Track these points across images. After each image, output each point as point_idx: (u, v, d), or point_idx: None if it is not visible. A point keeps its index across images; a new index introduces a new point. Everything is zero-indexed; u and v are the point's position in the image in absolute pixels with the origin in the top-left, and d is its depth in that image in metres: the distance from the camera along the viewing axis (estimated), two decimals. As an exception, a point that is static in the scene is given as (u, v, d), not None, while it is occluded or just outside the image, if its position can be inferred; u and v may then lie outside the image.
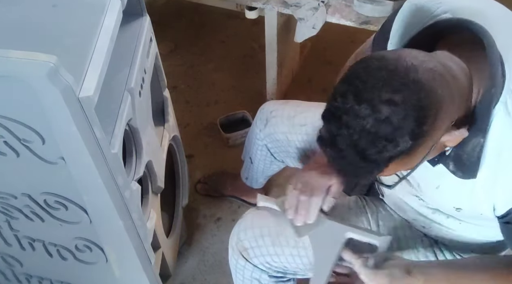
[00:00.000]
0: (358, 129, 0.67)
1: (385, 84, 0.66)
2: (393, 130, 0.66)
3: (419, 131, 0.67)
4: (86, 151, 0.86)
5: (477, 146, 0.78)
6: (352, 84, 0.68)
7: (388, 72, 0.67)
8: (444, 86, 0.69)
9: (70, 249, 1.15)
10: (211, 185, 1.82)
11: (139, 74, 1.11)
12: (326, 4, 1.65)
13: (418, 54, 0.71)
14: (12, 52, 0.74)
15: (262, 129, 1.35)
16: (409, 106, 0.65)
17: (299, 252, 1.08)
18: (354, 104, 0.67)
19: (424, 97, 0.66)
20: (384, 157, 0.69)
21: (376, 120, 0.66)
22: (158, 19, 1.53)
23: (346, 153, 0.70)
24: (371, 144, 0.67)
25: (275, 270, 1.12)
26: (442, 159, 0.85)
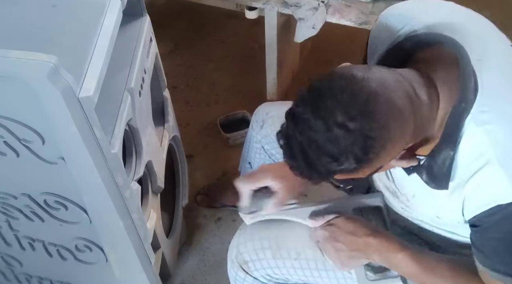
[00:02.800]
0: (309, 140, 0.71)
1: (343, 108, 0.69)
2: (339, 151, 0.69)
3: (364, 157, 0.70)
4: (86, 151, 0.86)
5: (447, 158, 0.79)
6: (314, 98, 0.71)
7: (349, 96, 0.69)
8: (400, 122, 0.71)
9: (70, 249, 1.15)
10: (212, 196, 1.80)
11: (139, 74, 1.11)
12: (326, 4, 1.65)
13: (387, 80, 0.72)
14: (12, 52, 0.74)
15: (259, 131, 1.35)
16: (359, 135, 0.68)
17: (301, 264, 1.06)
18: (310, 117, 0.70)
19: (375, 129, 0.68)
20: (328, 171, 0.72)
21: (327, 139, 0.69)
22: (158, 19, 1.53)
23: (296, 155, 0.73)
24: (317, 157, 0.71)
25: (276, 282, 1.11)
26: (416, 169, 0.86)
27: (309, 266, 1.07)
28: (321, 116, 0.69)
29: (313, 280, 1.09)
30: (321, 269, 1.06)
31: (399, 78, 0.74)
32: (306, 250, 1.06)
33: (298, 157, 0.73)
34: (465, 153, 0.77)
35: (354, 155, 0.69)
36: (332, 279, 1.07)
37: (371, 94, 0.69)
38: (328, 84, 0.71)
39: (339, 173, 0.73)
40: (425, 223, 1.00)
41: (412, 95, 0.73)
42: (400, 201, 1.01)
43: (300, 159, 0.73)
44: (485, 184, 0.77)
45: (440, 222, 0.94)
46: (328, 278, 1.08)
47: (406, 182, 0.94)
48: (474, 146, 0.76)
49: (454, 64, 0.77)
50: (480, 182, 0.77)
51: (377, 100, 0.69)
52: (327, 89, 0.71)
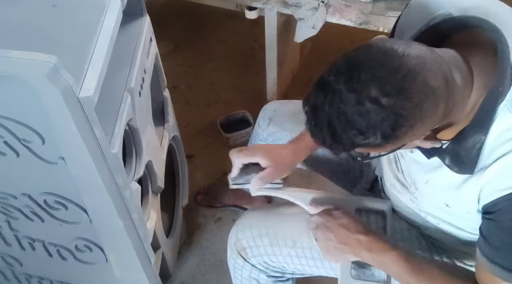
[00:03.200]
0: (338, 112, 0.70)
1: (379, 83, 0.67)
2: (368, 126, 0.69)
3: (391, 134, 0.69)
4: (86, 151, 0.86)
5: (477, 142, 0.78)
6: (349, 69, 0.70)
7: (387, 71, 0.68)
8: (433, 103, 0.70)
9: (70, 249, 1.15)
10: (212, 196, 1.80)
11: (139, 74, 1.11)
12: (326, 4, 1.65)
13: (426, 58, 0.70)
14: (12, 52, 0.74)
15: (265, 128, 1.35)
16: (390, 112, 0.68)
17: (297, 252, 1.08)
18: (343, 88, 0.69)
19: (408, 108, 0.68)
20: (352, 144, 0.72)
21: (357, 112, 0.68)
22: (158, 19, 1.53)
23: (321, 126, 0.73)
24: (344, 130, 0.70)
25: (273, 270, 1.12)
26: (438, 152, 0.85)
27: (305, 255, 1.07)
28: (354, 89, 0.68)
29: (309, 269, 1.10)
30: (317, 258, 1.07)
31: (438, 58, 0.72)
32: (302, 239, 1.07)
33: (324, 128, 0.72)
34: (493, 137, 0.77)
35: (382, 131, 0.69)
36: (328, 269, 1.08)
37: (409, 72, 0.68)
38: (366, 56, 0.70)
39: (362, 147, 0.73)
40: (431, 216, 0.99)
41: (448, 78, 0.72)
42: (409, 192, 1.00)
43: (326, 130, 0.72)
44: (509, 168, 0.76)
45: (449, 211, 0.93)
46: (323, 268, 1.09)
47: (419, 168, 0.93)
48: (503, 131, 0.76)
49: (491, 49, 0.77)
50: (503, 166, 0.77)
51: (414, 78, 0.68)
52: (365, 61, 0.69)
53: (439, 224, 0.99)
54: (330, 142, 0.74)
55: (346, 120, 0.69)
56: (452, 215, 0.95)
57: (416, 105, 0.68)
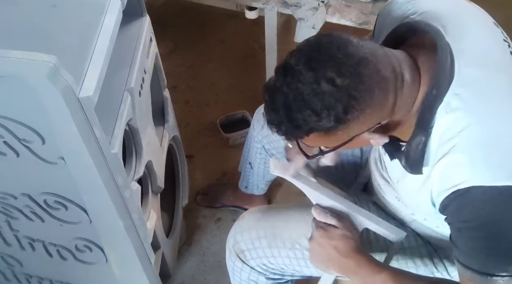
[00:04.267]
0: (295, 92, 0.73)
1: (336, 65, 0.72)
2: (322, 106, 0.72)
3: (343, 117, 0.72)
4: (86, 151, 0.86)
5: (419, 144, 0.80)
6: (310, 51, 0.74)
7: (344, 55, 0.72)
8: (383, 92, 0.74)
9: (70, 249, 1.15)
10: (212, 196, 1.80)
11: (139, 74, 1.11)
12: (326, 4, 1.65)
13: (377, 51, 0.76)
14: (12, 52, 0.74)
15: (260, 131, 1.35)
16: (344, 93, 0.71)
17: (296, 254, 1.07)
18: (302, 68, 0.72)
19: (360, 90, 0.72)
20: (306, 126, 0.74)
21: (313, 91, 0.72)
22: (158, 19, 1.53)
23: (278, 108, 0.75)
24: (299, 109, 0.73)
25: (272, 272, 1.12)
26: (397, 154, 0.88)
27: (304, 256, 1.07)
28: (313, 68, 0.72)
29: (308, 270, 1.10)
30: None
31: (389, 54, 0.77)
32: (301, 240, 1.07)
33: (280, 110, 0.75)
34: (435, 139, 0.79)
35: (335, 112, 0.72)
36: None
37: (362, 59, 0.72)
38: (326, 40, 0.75)
39: (316, 130, 0.75)
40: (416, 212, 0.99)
41: (397, 72, 0.76)
42: (393, 189, 1.01)
43: (282, 111, 0.75)
44: (447, 169, 0.77)
45: (420, 211, 0.94)
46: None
47: (391, 168, 0.96)
48: (443, 132, 0.78)
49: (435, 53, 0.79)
50: (444, 168, 0.78)
51: (367, 65, 0.72)
52: (325, 44, 0.74)
53: (425, 220, 0.99)
54: (285, 125, 0.76)
55: (302, 100, 0.72)
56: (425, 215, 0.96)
57: (368, 89, 0.72)
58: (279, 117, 0.76)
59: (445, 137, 0.77)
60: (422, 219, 1.00)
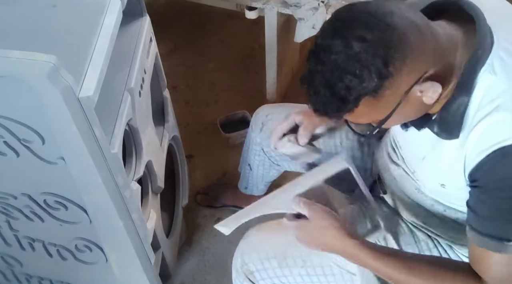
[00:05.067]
0: (330, 65, 0.72)
1: (362, 23, 0.71)
2: (361, 66, 0.70)
3: (385, 71, 0.71)
4: (86, 151, 0.86)
5: (461, 105, 0.80)
6: (333, 23, 0.74)
7: (367, 14, 0.72)
8: (418, 37, 0.72)
9: (70, 249, 1.15)
10: (212, 196, 1.80)
11: (139, 74, 1.11)
12: (326, 4, 1.65)
13: (402, 7, 0.75)
14: (12, 52, 0.74)
15: (258, 133, 1.35)
16: (378, 45, 0.70)
17: (308, 272, 1.06)
18: (330, 41, 0.72)
19: (394, 39, 0.70)
20: (352, 94, 0.73)
21: (346, 55, 0.71)
22: (158, 19, 1.53)
23: (319, 89, 0.75)
24: (340, 79, 0.72)
25: None
26: (428, 123, 0.87)
27: (316, 273, 1.06)
28: (340, 35, 0.71)
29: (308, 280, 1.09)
30: (329, 274, 1.06)
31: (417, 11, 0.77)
32: (312, 257, 1.06)
33: (321, 90, 0.74)
34: (476, 100, 0.78)
35: (376, 68, 0.70)
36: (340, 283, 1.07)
37: (387, 12, 0.72)
38: (346, 11, 0.75)
39: (362, 95, 0.73)
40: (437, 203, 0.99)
41: (429, 24, 0.76)
42: (412, 179, 1.00)
43: (323, 90, 0.74)
44: (490, 128, 0.77)
45: (445, 192, 0.93)
46: (335, 283, 1.07)
47: (415, 147, 0.94)
48: (484, 94, 0.77)
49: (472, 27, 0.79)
50: (485, 128, 0.77)
51: (393, 14, 0.72)
52: (345, 13, 0.74)
53: (446, 211, 0.98)
54: (331, 103, 0.74)
55: (339, 68, 0.71)
56: (450, 197, 0.95)
57: (401, 37, 0.70)
58: (322, 98, 0.75)
59: (487, 98, 0.77)
60: (442, 210, 0.99)
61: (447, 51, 0.78)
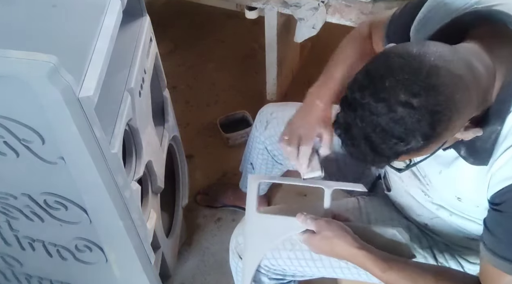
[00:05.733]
0: (372, 124, 0.69)
1: (405, 86, 0.67)
2: (406, 131, 0.68)
3: (432, 133, 0.69)
4: (86, 151, 0.86)
5: (493, 133, 0.78)
6: (372, 80, 0.70)
7: (409, 73, 0.68)
8: (463, 91, 0.69)
9: (70, 249, 1.15)
10: (212, 196, 1.80)
11: (139, 74, 1.11)
12: (326, 4, 1.65)
13: (444, 52, 0.70)
14: (12, 52, 0.74)
15: (262, 132, 1.35)
16: (424, 111, 0.67)
17: (296, 255, 1.08)
18: (371, 100, 0.69)
19: (441, 102, 0.67)
20: (394, 153, 0.71)
21: (391, 120, 0.68)
22: (158, 19, 1.53)
23: (359, 142, 0.72)
24: (383, 141, 0.70)
25: (275, 273, 1.13)
26: (454, 144, 0.85)
27: (304, 257, 1.08)
28: (382, 98, 0.68)
29: (309, 270, 1.10)
30: (317, 259, 1.07)
31: (455, 50, 0.73)
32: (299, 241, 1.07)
33: (361, 144, 0.72)
34: (507, 128, 0.77)
35: (422, 132, 0.68)
36: (328, 268, 1.09)
37: (431, 68, 0.67)
38: (385, 64, 0.70)
39: (405, 154, 0.72)
40: (443, 209, 0.99)
41: (471, 65, 0.72)
42: (421, 183, 1.00)
43: (364, 146, 0.72)
44: None
45: (460, 205, 0.93)
46: (324, 268, 1.09)
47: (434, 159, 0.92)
48: None
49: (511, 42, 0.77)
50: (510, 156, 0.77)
51: (438, 73, 0.68)
52: (385, 69, 0.69)
53: (451, 215, 0.98)
54: (371, 156, 0.73)
55: (383, 130, 0.69)
56: (460, 208, 0.95)
57: (448, 97, 0.67)
58: (363, 151, 0.72)
59: None
60: (447, 215, 0.99)
61: (487, 91, 0.76)
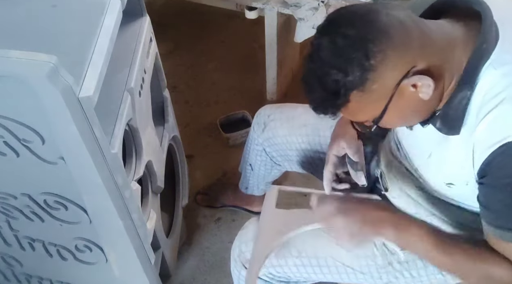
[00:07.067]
0: (318, 60, 0.77)
1: (348, 22, 0.76)
2: (344, 60, 0.74)
3: (367, 63, 0.73)
4: (86, 151, 0.86)
5: (463, 99, 0.80)
6: (324, 23, 0.79)
7: (353, 13, 0.77)
8: (400, 32, 0.75)
9: (70, 249, 1.15)
10: (212, 196, 1.80)
11: (139, 74, 1.11)
12: (326, 4, 1.65)
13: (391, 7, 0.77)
14: (12, 52, 0.74)
15: (260, 134, 1.35)
16: (359, 40, 0.73)
17: (302, 262, 1.07)
18: (322, 40, 0.77)
19: (374, 33, 0.73)
20: (340, 87, 0.76)
21: (331, 52, 0.75)
22: (158, 19, 1.53)
23: (313, 86, 0.78)
24: (327, 74, 0.76)
25: (279, 280, 1.12)
26: (431, 119, 0.87)
27: (310, 263, 1.07)
28: (327, 32, 0.77)
29: (315, 276, 1.10)
30: (323, 265, 1.07)
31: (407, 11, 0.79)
32: (306, 247, 1.07)
33: (315, 85, 0.78)
34: (479, 95, 0.78)
35: (358, 61, 0.73)
36: (334, 274, 1.08)
37: (373, 10, 0.76)
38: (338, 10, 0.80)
39: (350, 89, 0.75)
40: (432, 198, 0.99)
41: (418, 21, 0.78)
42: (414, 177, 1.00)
43: (316, 85, 0.78)
44: (496, 122, 0.77)
45: (452, 192, 0.93)
46: (330, 274, 1.08)
47: (420, 144, 0.94)
48: (489, 88, 0.77)
49: (477, 22, 0.80)
50: (489, 122, 0.77)
51: (378, 12, 0.75)
52: (336, 13, 0.79)
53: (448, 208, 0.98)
54: (324, 97, 0.78)
55: (325, 63, 0.76)
56: (454, 196, 0.95)
57: (382, 30, 0.73)
58: (317, 93, 0.78)
59: (491, 93, 0.77)
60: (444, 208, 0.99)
61: (441, 47, 0.79)
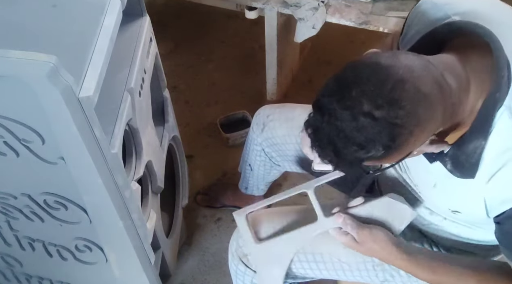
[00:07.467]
0: (336, 130, 0.72)
1: (369, 97, 0.69)
2: (367, 140, 0.70)
3: (392, 144, 0.71)
4: (86, 151, 0.86)
5: (478, 148, 0.79)
6: (340, 88, 0.72)
7: (375, 84, 0.70)
8: (428, 107, 0.71)
9: (70, 249, 1.15)
10: (212, 196, 1.80)
11: (139, 74, 1.11)
12: (326, 4, 1.65)
13: (413, 66, 0.72)
14: (12, 52, 0.74)
15: (259, 134, 1.35)
16: (385, 123, 0.69)
17: (299, 257, 1.07)
18: (337, 107, 0.71)
19: (402, 116, 0.69)
20: (355, 159, 0.74)
21: (353, 128, 0.70)
22: (158, 19, 1.53)
23: (324, 145, 0.75)
24: (345, 146, 0.72)
25: None
26: (440, 157, 0.86)
27: (307, 259, 1.07)
28: (347, 106, 0.70)
29: (311, 272, 1.10)
30: (319, 261, 1.07)
31: (427, 64, 0.74)
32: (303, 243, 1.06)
33: (326, 147, 0.74)
34: (494, 145, 0.78)
35: (382, 142, 0.70)
36: (330, 270, 1.08)
37: (397, 82, 0.69)
38: (353, 73, 0.72)
39: (367, 160, 0.74)
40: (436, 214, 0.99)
41: (441, 81, 0.73)
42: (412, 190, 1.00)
43: (328, 148, 0.74)
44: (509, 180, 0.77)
45: (456, 217, 0.94)
46: (326, 271, 1.09)
47: (425, 172, 0.94)
48: (503, 139, 0.77)
49: (487, 55, 0.77)
50: (504, 178, 0.77)
51: (403, 87, 0.69)
52: (352, 78, 0.72)
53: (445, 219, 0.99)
54: (335, 159, 0.75)
55: (345, 136, 0.71)
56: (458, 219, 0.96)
57: (409, 112, 0.69)
58: (328, 154, 0.75)
59: (506, 144, 0.76)
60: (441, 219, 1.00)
61: (458, 103, 0.76)
